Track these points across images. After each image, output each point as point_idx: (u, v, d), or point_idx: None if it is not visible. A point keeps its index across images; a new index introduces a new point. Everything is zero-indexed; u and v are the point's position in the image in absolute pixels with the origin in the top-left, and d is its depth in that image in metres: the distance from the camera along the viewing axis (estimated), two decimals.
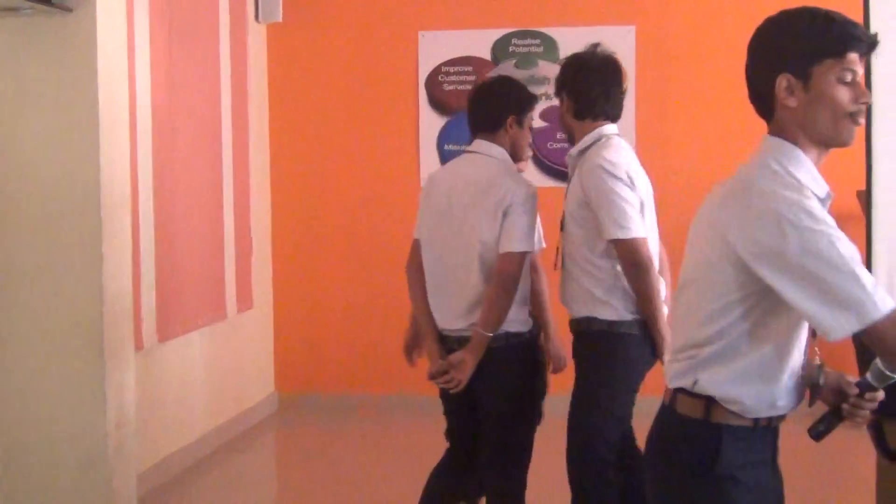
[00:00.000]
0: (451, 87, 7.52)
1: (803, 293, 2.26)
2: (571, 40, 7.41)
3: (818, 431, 2.56)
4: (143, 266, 5.59)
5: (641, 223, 4.17)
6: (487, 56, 7.48)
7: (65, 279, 4.50)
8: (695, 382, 2.43)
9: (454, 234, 4.20)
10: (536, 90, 7.23)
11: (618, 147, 4.31)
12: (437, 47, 7.51)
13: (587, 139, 4.31)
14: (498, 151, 4.25)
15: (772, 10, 8.07)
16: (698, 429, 2.46)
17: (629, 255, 4.11)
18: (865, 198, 5.63)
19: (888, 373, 2.44)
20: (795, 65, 2.40)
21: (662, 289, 4.28)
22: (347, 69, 7.57)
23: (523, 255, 4.13)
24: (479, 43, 7.48)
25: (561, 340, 4.58)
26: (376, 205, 7.50)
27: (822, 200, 2.40)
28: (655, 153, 7.01)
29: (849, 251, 2.26)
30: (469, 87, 7.41)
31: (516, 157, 4.35)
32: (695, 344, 2.44)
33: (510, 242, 4.09)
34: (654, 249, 4.29)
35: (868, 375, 2.50)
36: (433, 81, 7.50)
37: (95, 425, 4.51)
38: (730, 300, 2.36)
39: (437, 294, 4.31)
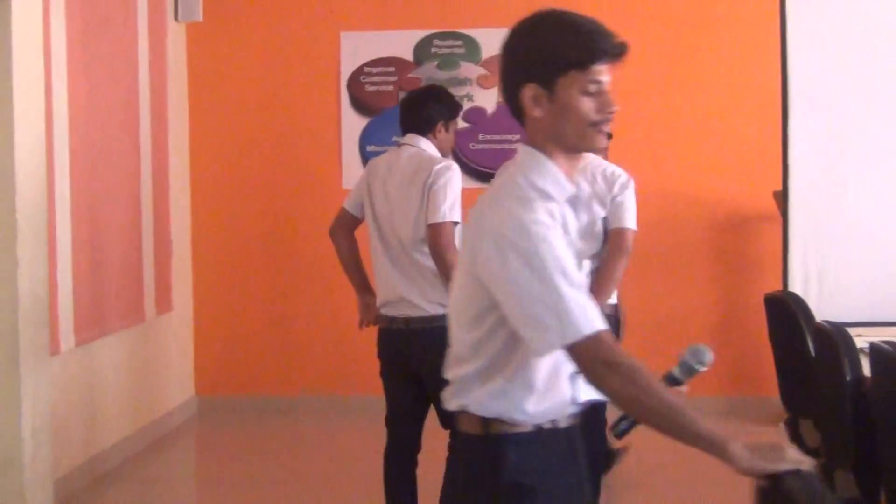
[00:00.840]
0: (373, 88, 7.50)
1: (512, 308, 2.27)
2: (493, 41, 7.41)
3: (621, 430, 2.54)
4: (60, 269, 5.49)
5: None
6: (409, 57, 7.47)
7: None
8: (465, 407, 2.40)
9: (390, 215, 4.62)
10: (458, 91, 7.33)
11: None
12: (359, 48, 7.49)
13: None
14: (426, 144, 4.70)
15: (687, 12, 8.09)
16: (480, 443, 2.42)
17: None
18: (782, 198, 5.73)
19: (695, 366, 2.52)
20: (540, 75, 2.34)
21: None
22: (268, 69, 7.52)
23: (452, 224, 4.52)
24: (401, 44, 7.47)
25: None
26: (298, 206, 7.46)
27: (570, 201, 2.41)
28: None
29: (560, 270, 2.25)
30: (391, 87, 7.43)
31: (444, 155, 4.79)
32: (459, 359, 2.42)
33: (434, 214, 4.48)
34: None
35: (675, 370, 2.54)
36: (355, 82, 7.48)
37: (10, 431, 4.44)
38: (481, 308, 2.35)
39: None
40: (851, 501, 4.13)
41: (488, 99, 7.46)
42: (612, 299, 4.85)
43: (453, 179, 4.64)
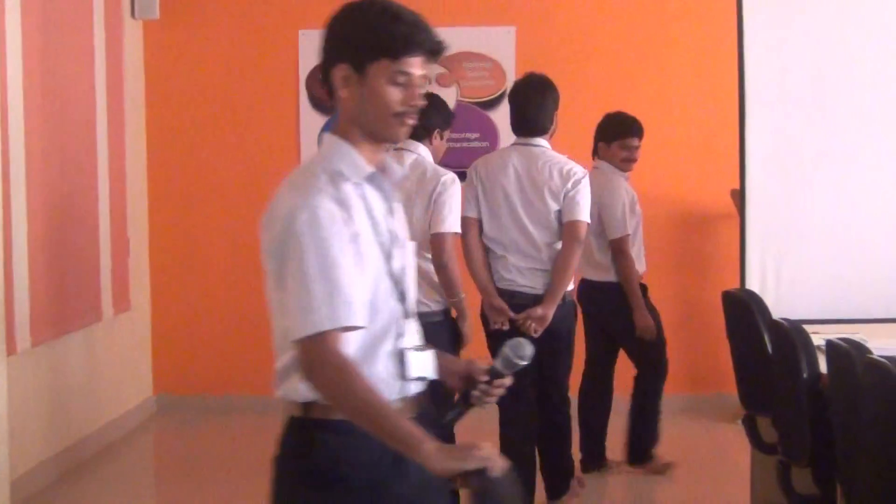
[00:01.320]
0: None
1: (275, 291, 2.36)
2: (453, 40, 7.39)
3: (449, 419, 2.57)
4: (16, 269, 5.45)
5: None
6: None
7: None
8: (286, 394, 2.42)
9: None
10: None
11: None
12: (318, 46, 7.44)
13: None
14: (424, 151, 5.10)
15: (647, 14, 8.15)
16: (298, 426, 2.43)
17: None
18: (739, 196, 5.76)
19: (515, 360, 2.50)
20: (353, 57, 2.37)
21: None
22: (227, 67, 7.49)
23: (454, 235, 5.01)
24: None
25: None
26: (257, 203, 7.36)
27: (370, 181, 2.44)
28: None
29: (324, 264, 2.28)
30: None
31: (436, 161, 5.17)
32: (278, 349, 2.43)
33: (439, 225, 4.90)
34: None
35: (497, 362, 2.54)
36: (314, 80, 7.45)
37: None
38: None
39: None
40: (809, 497, 4.17)
41: (447, 97, 7.44)
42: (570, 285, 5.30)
43: (457, 193, 5.01)
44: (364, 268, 2.35)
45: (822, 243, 5.58)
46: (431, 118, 5.04)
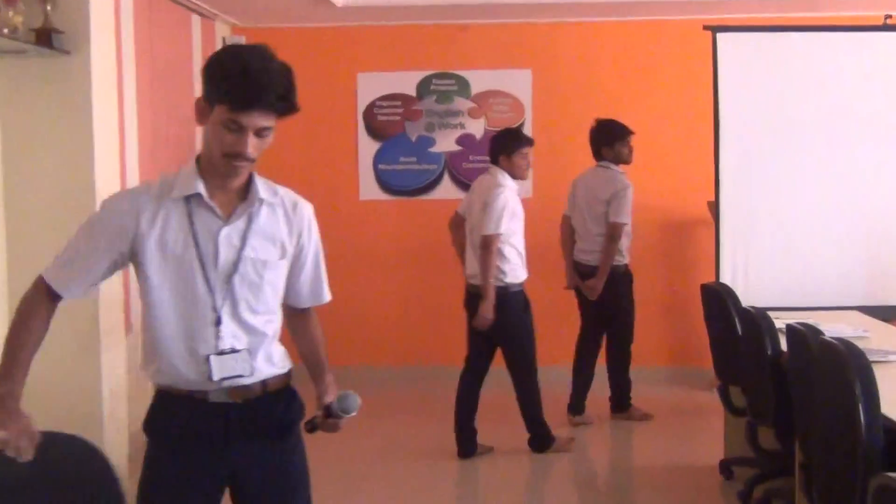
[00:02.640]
0: (384, 118, 7.49)
1: None
2: (480, 80, 7.48)
3: (307, 428, 2.46)
4: (131, 268, 5.46)
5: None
6: (413, 93, 7.47)
7: None
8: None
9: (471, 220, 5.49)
10: (453, 120, 7.34)
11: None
12: (373, 86, 7.49)
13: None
14: (494, 170, 5.42)
15: (637, 58, 8.09)
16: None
17: None
18: (714, 206, 5.74)
19: (339, 412, 2.38)
20: (207, 95, 2.25)
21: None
22: (301, 102, 7.50)
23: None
24: (406, 82, 7.47)
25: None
26: (323, 215, 7.38)
27: (192, 199, 2.31)
28: (549, 174, 7.11)
29: (79, 236, 2.36)
30: (398, 117, 7.43)
31: (515, 177, 5.40)
32: None
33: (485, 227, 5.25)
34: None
35: (332, 403, 2.41)
36: (369, 113, 7.48)
37: (92, 392, 4.42)
38: None
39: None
40: (772, 451, 4.14)
41: (477, 127, 7.46)
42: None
43: (500, 199, 5.25)
44: (107, 259, 2.33)
45: (781, 246, 5.57)
46: (497, 146, 5.44)
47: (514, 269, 5.34)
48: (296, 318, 2.62)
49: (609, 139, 6.16)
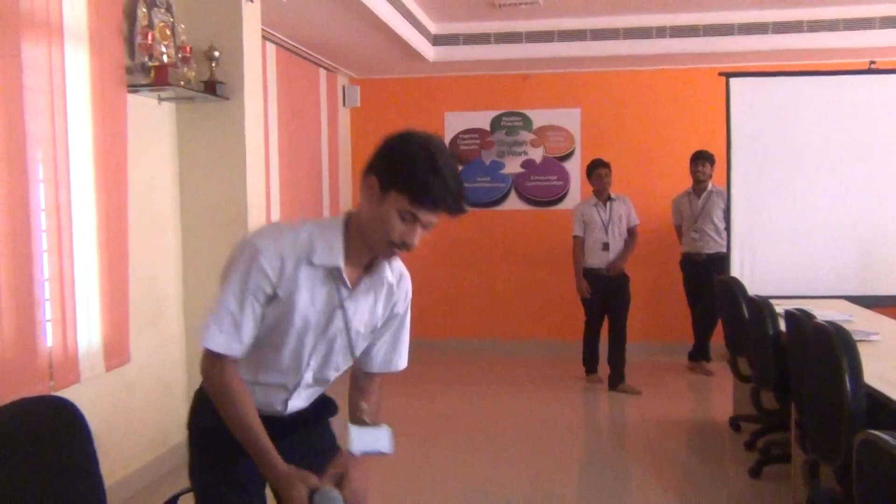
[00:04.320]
0: (465, 147, 7.50)
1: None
2: (539, 117, 7.43)
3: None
4: None
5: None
6: (488, 127, 7.46)
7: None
8: None
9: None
10: (518, 149, 7.32)
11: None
12: (457, 122, 7.50)
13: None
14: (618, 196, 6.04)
15: (665, 98, 7.89)
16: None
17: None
18: (726, 217, 5.61)
19: None
20: (385, 179, 1.72)
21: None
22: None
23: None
24: (482, 119, 7.46)
25: None
26: None
27: (328, 269, 1.79)
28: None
29: (235, 294, 1.76)
30: (476, 147, 7.42)
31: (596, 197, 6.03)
32: None
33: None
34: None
35: (315, 496, 1.77)
36: (454, 143, 7.49)
37: None
38: None
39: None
40: (774, 411, 4.03)
41: (537, 154, 7.42)
42: None
43: (575, 212, 6.05)
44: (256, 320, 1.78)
45: (781, 246, 5.44)
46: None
47: (588, 257, 5.96)
48: (362, 376, 2.03)
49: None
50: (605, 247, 5.92)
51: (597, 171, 5.96)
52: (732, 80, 5.49)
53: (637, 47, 6.54)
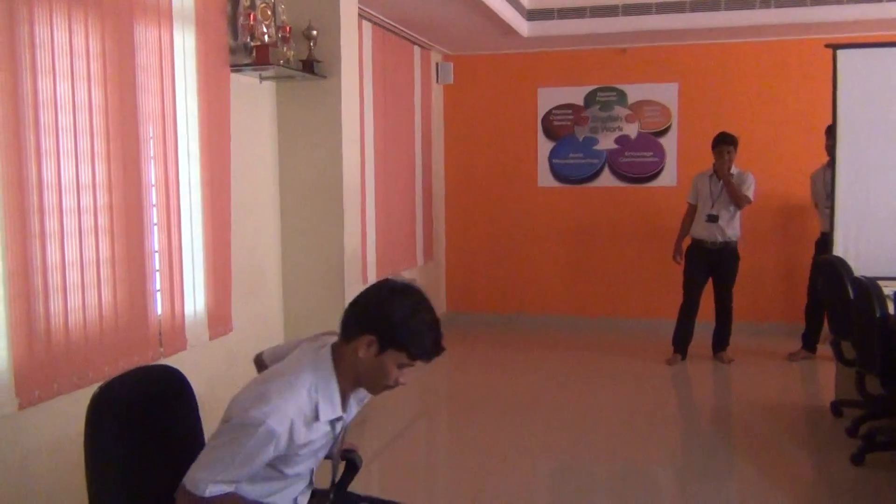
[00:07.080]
0: (558, 123, 7.37)
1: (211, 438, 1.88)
2: (635, 92, 7.22)
3: None
4: (367, 234, 5.65)
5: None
6: (581, 103, 7.30)
7: (322, 236, 4.57)
8: None
9: None
10: (613, 124, 7.14)
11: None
12: (550, 98, 7.37)
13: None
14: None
15: (766, 72, 7.55)
16: None
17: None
18: (831, 195, 5.33)
19: None
20: (385, 339, 1.86)
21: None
22: (494, 112, 7.51)
23: None
24: (576, 94, 7.31)
25: None
26: (510, 197, 7.46)
27: (331, 422, 1.93)
28: (693, 163, 6.79)
29: (239, 462, 1.81)
30: (569, 122, 7.29)
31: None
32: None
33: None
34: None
35: None
36: (546, 119, 7.38)
37: None
38: None
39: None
40: (879, 396, 3.83)
41: (632, 129, 7.22)
42: None
43: (693, 180, 6.02)
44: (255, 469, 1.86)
45: (889, 223, 5.15)
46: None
47: (694, 227, 5.92)
48: None
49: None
50: (711, 218, 5.78)
51: (718, 148, 5.83)
52: (840, 52, 5.18)
53: (738, 18, 6.25)
